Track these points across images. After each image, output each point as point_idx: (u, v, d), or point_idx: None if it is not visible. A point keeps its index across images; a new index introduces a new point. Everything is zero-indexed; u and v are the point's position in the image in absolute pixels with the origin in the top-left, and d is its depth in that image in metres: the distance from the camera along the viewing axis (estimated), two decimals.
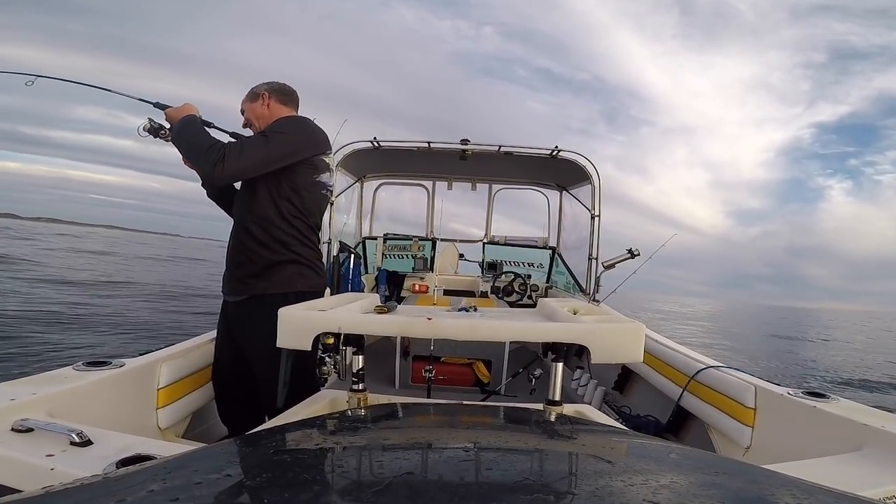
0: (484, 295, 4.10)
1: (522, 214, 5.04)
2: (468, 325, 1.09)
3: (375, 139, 3.43)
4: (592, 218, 3.27)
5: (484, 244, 4.45)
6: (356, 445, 0.59)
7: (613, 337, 1.03)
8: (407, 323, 1.08)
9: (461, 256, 4.60)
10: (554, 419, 0.92)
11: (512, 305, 3.78)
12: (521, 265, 4.37)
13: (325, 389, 1.43)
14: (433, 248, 4.36)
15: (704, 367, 1.80)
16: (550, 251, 4.38)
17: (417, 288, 4.00)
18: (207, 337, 1.82)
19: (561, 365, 1.10)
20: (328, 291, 2.05)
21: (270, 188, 1.55)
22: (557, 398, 1.09)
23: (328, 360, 1.73)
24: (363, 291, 3.55)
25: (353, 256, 3.43)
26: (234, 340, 1.67)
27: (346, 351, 1.12)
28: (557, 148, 3.29)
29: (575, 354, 2.77)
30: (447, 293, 3.83)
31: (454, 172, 4.24)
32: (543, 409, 1.09)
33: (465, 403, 0.97)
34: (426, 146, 3.49)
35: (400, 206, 4.77)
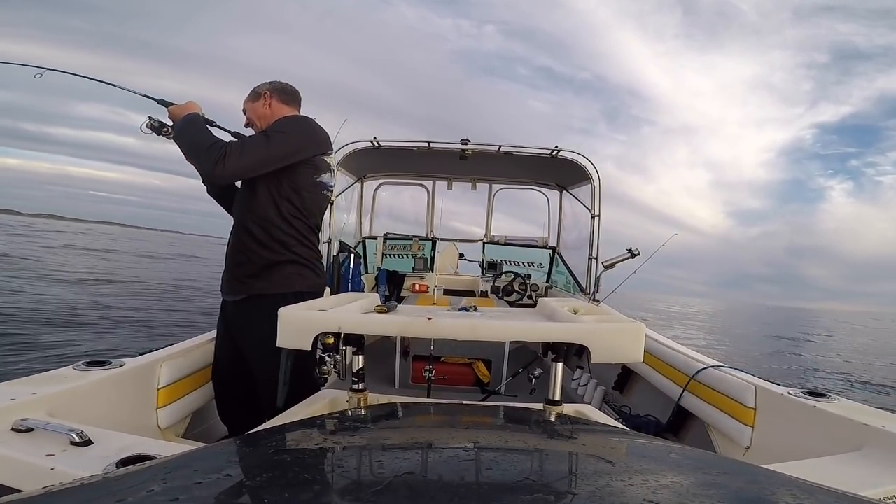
0: (484, 295, 4.10)
1: (523, 213, 5.04)
2: (468, 324, 1.09)
3: (375, 139, 3.43)
4: (592, 218, 3.27)
5: (484, 244, 4.45)
6: (356, 445, 0.59)
7: (613, 337, 1.03)
8: (407, 323, 1.08)
9: (461, 256, 4.60)
10: (554, 419, 0.92)
11: (512, 305, 3.77)
12: (521, 265, 4.36)
13: (325, 389, 1.43)
14: (433, 247, 4.36)
15: (704, 366, 1.80)
16: (550, 251, 4.38)
17: (417, 288, 4.00)
18: (207, 337, 1.82)
19: (561, 365, 1.10)
20: (328, 291, 2.05)
21: (271, 188, 1.55)
22: (557, 398, 1.10)
23: (328, 359, 1.73)
24: (363, 291, 3.55)
25: (353, 256, 3.43)
26: (233, 340, 1.67)
27: (346, 351, 1.12)
28: (557, 148, 3.29)
29: (575, 354, 2.76)
30: (447, 293, 3.82)
31: (454, 172, 4.24)
32: (543, 408, 1.09)
33: (465, 403, 0.97)
34: (426, 146, 3.48)
35: (400, 204, 4.77)
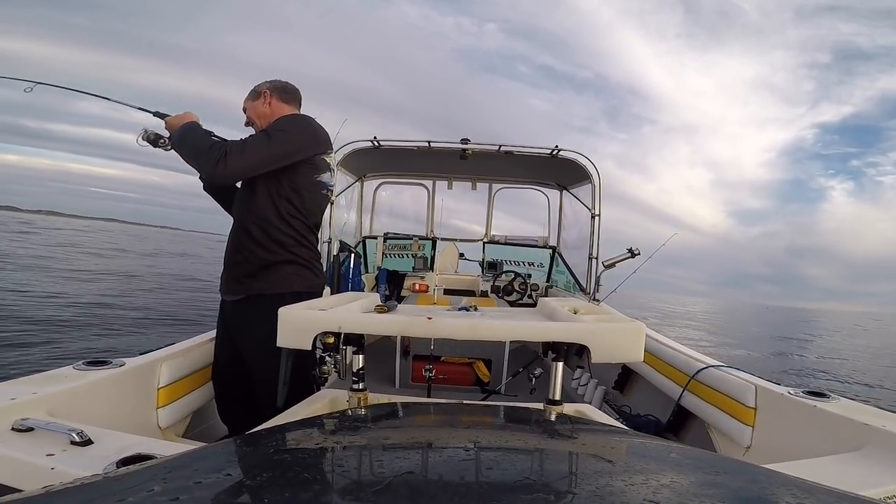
0: (484, 294, 4.10)
1: (523, 212, 5.04)
2: (468, 324, 1.09)
3: (375, 138, 3.43)
4: (593, 217, 3.27)
5: (484, 243, 4.45)
6: (356, 445, 0.59)
7: (614, 336, 1.03)
8: (407, 322, 1.08)
9: (461, 256, 4.60)
10: (554, 419, 0.92)
11: (512, 305, 3.77)
12: (521, 264, 4.36)
13: (325, 389, 1.43)
14: (433, 247, 4.36)
15: (705, 366, 1.80)
16: (551, 250, 4.38)
17: (418, 287, 4.00)
18: (207, 336, 1.82)
19: (561, 364, 1.10)
20: (328, 291, 2.05)
21: (270, 188, 1.55)
22: (558, 398, 1.10)
23: (328, 359, 1.73)
24: (363, 291, 3.55)
25: (353, 256, 3.43)
26: (232, 340, 1.67)
27: (346, 350, 1.12)
28: (558, 147, 3.29)
29: (575, 354, 2.77)
30: (447, 292, 3.82)
31: (454, 172, 4.24)
32: (544, 408, 1.09)
33: (465, 403, 0.97)
34: (426, 145, 3.48)
35: (400, 202, 4.78)
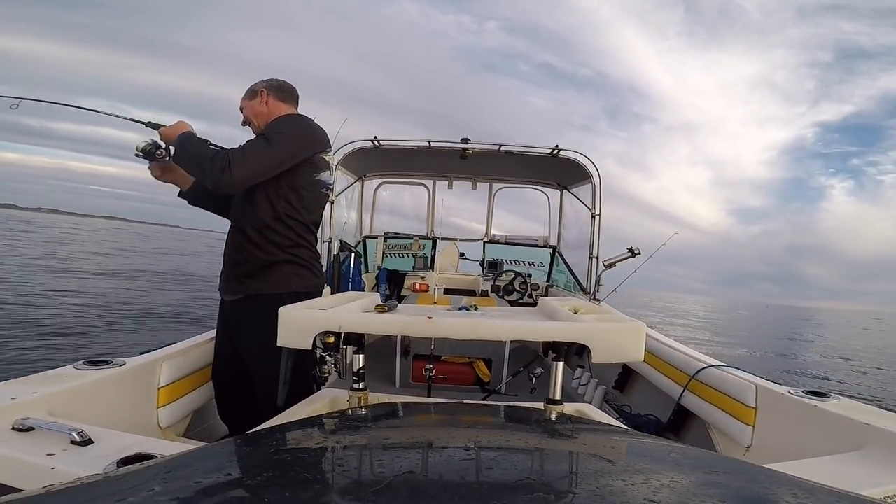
0: (484, 294, 4.10)
1: (524, 210, 5.04)
2: (469, 324, 1.09)
3: (376, 138, 3.43)
4: (593, 217, 3.27)
5: (484, 243, 4.46)
6: (357, 445, 0.59)
7: (614, 336, 1.03)
8: (407, 322, 1.08)
9: (462, 255, 4.59)
10: (554, 418, 0.92)
11: (512, 304, 3.77)
12: (521, 264, 4.36)
13: (325, 388, 1.43)
14: (433, 246, 4.36)
15: (705, 366, 1.80)
16: (551, 250, 4.38)
17: (418, 287, 4.00)
18: (207, 336, 1.82)
19: (561, 364, 1.10)
20: (328, 290, 2.05)
21: (269, 188, 1.54)
22: (558, 397, 1.10)
23: (329, 359, 1.73)
24: (363, 290, 3.55)
25: (353, 255, 3.43)
26: (231, 339, 1.67)
27: (346, 350, 1.12)
28: (558, 147, 3.28)
29: (576, 353, 2.77)
30: (448, 292, 3.82)
31: (455, 171, 4.24)
32: (544, 408, 1.09)
33: (465, 403, 0.97)
34: (426, 145, 3.48)
35: (401, 201, 4.78)
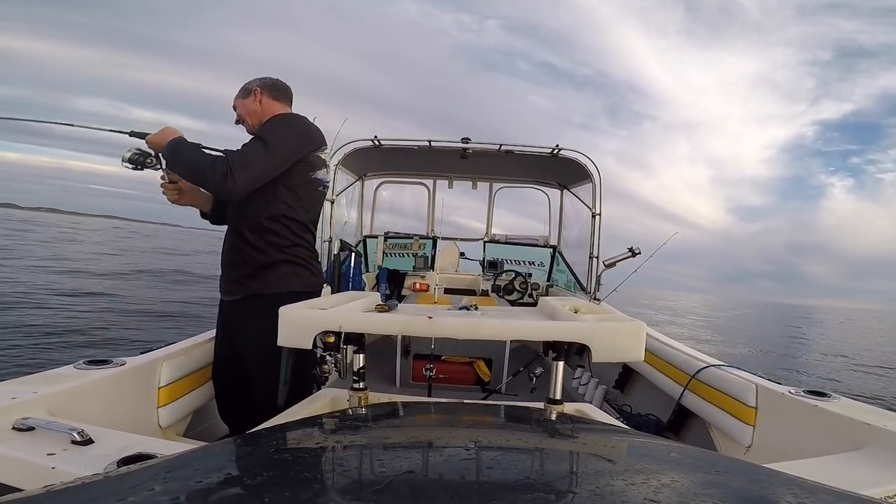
0: (485, 293, 4.10)
1: (524, 209, 5.04)
2: (469, 323, 1.09)
3: (376, 137, 3.43)
4: (593, 216, 3.27)
5: (485, 243, 4.46)
6: (357, 444, 0.59)
7: (614, 336, 1.03)
8: (408, 322, 1.08)
9: (462, 255, 4.60)
10: (555, 418, 0.92)
11: (513, 304, 3.77)
12: (521, 264, 4.37)
13: (325, 388, 1.43)
14: (434, 246, 4.36)
15: (705, 365, 1.80)
16: (551, 250, 4.38)
17: (418, 286, 4.00)
18: (207, 336, 1.82)
19: (562, 364, 1.10)
20: (328, 290, 2.05)
21: (265, 188, 1.52)
22: (558, 397, 1.10)
23: (329, 358, 1.74)
24: (364, 290, 3.55)
25: (353, 255, 3.43)
26: (231, 339, 1.67)
27: (346, 349, 1.12)
28: (558, 146, 3.29)
29: (576, 353, 2.76)
30: (448, 292, 3.82)
31: (455, 171, 4.24)
32: (544, 407, 1.09)
33: (465, 402, 0.97)
34: (427, 145, 3.48)
35: (401, 200, 4.79)
